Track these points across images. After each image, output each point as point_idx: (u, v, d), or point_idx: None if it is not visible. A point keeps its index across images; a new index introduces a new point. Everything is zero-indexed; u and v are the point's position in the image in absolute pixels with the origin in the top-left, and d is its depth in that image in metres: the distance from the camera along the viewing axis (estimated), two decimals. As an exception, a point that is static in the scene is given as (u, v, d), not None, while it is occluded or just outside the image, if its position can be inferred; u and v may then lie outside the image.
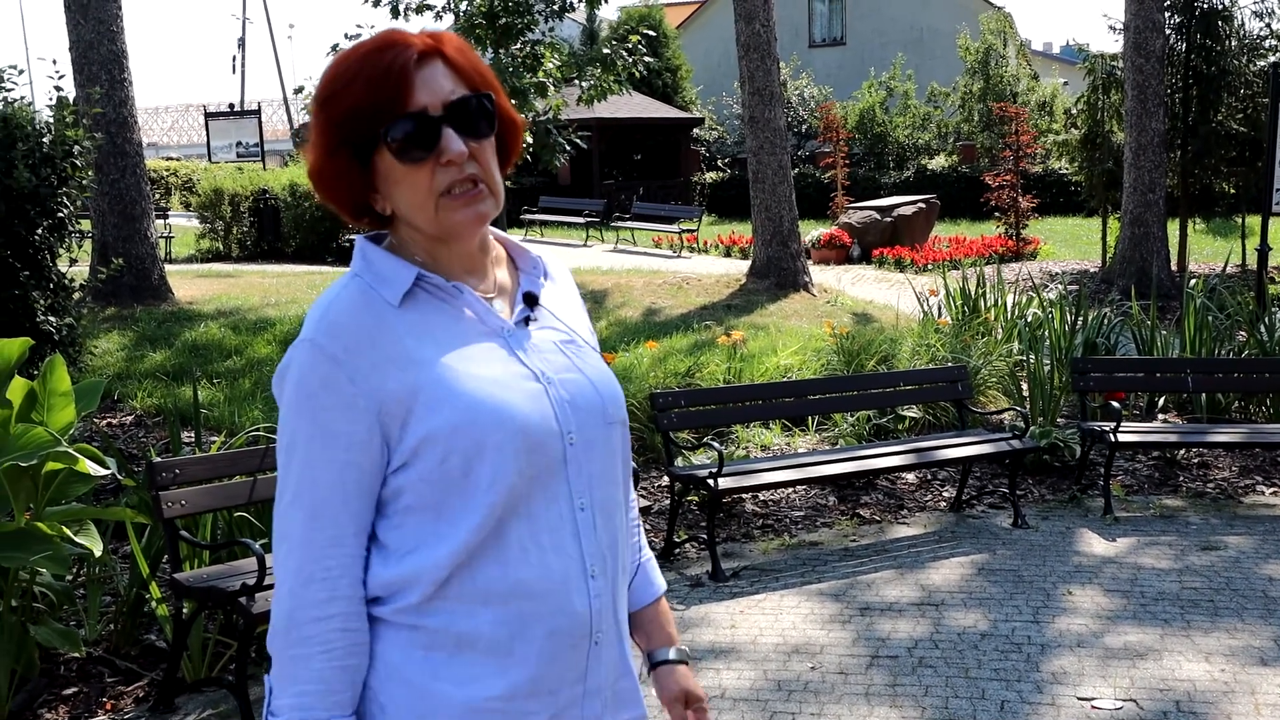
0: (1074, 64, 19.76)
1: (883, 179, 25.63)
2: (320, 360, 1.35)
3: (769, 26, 12.78)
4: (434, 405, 1.34)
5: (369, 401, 1.35)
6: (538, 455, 1.38)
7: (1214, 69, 13.84)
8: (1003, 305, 8.79)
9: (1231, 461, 6.54)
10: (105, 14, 11.33)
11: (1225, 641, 4.18)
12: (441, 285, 1.42)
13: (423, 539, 1.37)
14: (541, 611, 1.38)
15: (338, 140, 1.37)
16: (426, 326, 1.40)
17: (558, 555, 1.39)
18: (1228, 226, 18.86)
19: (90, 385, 4.32)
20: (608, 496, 1.47)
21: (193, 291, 12.56)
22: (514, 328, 1.45)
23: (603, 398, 1.47)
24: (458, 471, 1.34)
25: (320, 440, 1.35)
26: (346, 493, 1.36)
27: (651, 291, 12.75)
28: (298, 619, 1.35)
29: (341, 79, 1.36)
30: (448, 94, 1.36)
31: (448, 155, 1.35)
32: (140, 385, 7.84)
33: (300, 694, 1.34)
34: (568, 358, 1.47)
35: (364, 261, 1.43)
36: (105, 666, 4.11)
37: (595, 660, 1.43)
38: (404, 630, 1.37)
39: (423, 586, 1.36)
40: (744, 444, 6.73)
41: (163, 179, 28.92)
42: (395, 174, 1.37)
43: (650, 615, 1.68)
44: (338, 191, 1.42)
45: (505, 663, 1.37)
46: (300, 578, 1.35)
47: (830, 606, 4.64)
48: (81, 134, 6.87)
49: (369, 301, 1.39)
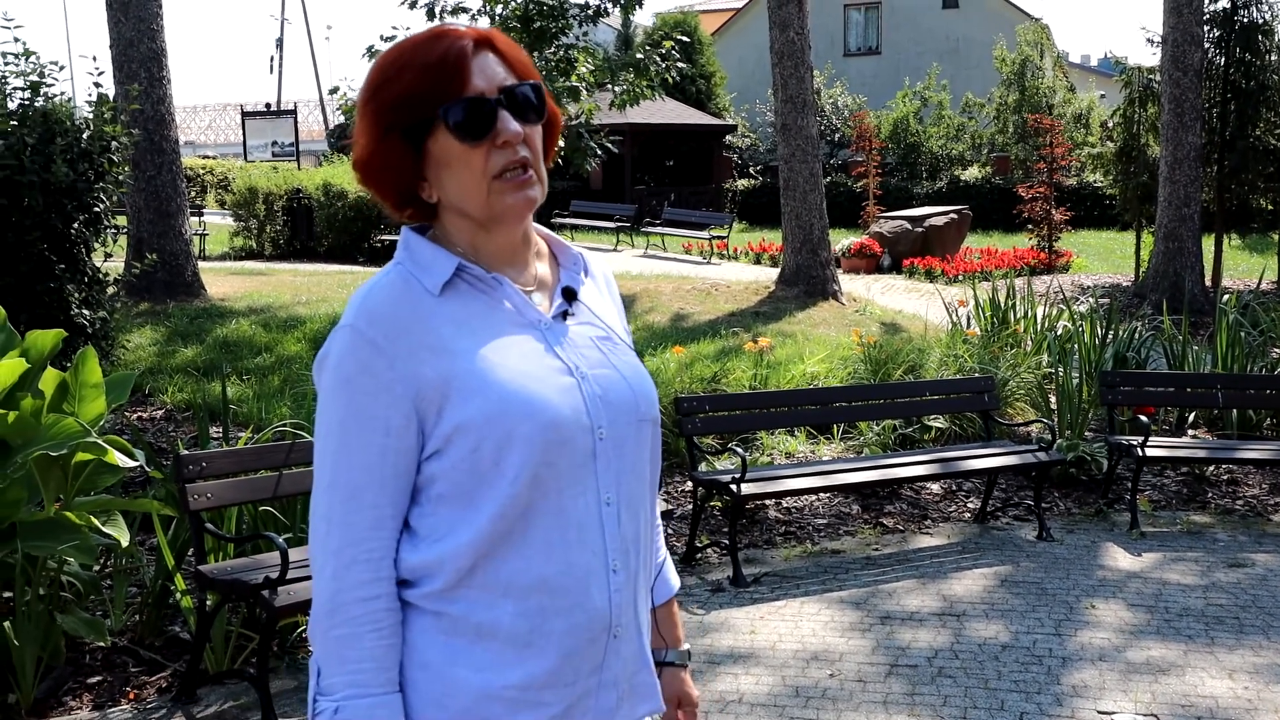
0: (1111, 76, 19.60)
1: (915, 189, 25.53)
2: (360, 345, 1.37)
3: (803, 34, 12.77)
4: (468, 394, 1.36)
5: (406, 387, 1.37)
6: (567, 448, 1.39)
7: (1253, 83, 13.70)
8: (1033, 317, 8.73)
9: (1262, 479, 6.47)
10: (146, 12, 11.48)
11: (1250, 659, 4.13)
12: (481, 276, 1.44)
13: (452, 527, 1.39)
14: (561, 606, 1.40)
15: (389, 125, 1.40)
16: (465, 316, 1.42)
17: (581, 550, 1.41)
18: (1264, 243, 18.64)
19: (121, 378, 4.38)
20: (634, 493, 1.48)
21: (225, 288, 12.68)
22: (551, 321, 1.47)
23: (635, 394, 1.49)
24: (488, 461, 1.36)
25: (358, 424, 1.37)
26: (384, 476, 1.38)
27: (680, 297, 12.76)
28: (343, 600, 1.37)
29: (395, 66, 1.40)
30: (502, 80, 1.41)
31: (504, 136, 1.38)
32: (171, 380, 7.92)
33: (354, 672, 1.36)
34: (603, 353, 1.49)
35: (406, 250, 1.46)
36: (130, 656, 4.16)
37: (613, 653, 1.45)
38: (428, 615, 1.40)
39: (446, 574, 1.38)
40: (768, 451, 6.72)
41: (198, 177, 29.26)
42: (449, 156, 1.39)
43: (661, 615, 1.71)
44: (385, 178, 1.44)
45: (524, 654, 1.39)
46: (342, 559, 1.37)
47: (851, 614, 4.62)
48: (119, 130, 6.96)
49: (409, 289, 1.41)
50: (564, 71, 12.15)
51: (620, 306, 1.64)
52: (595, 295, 1.58)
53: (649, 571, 1.58)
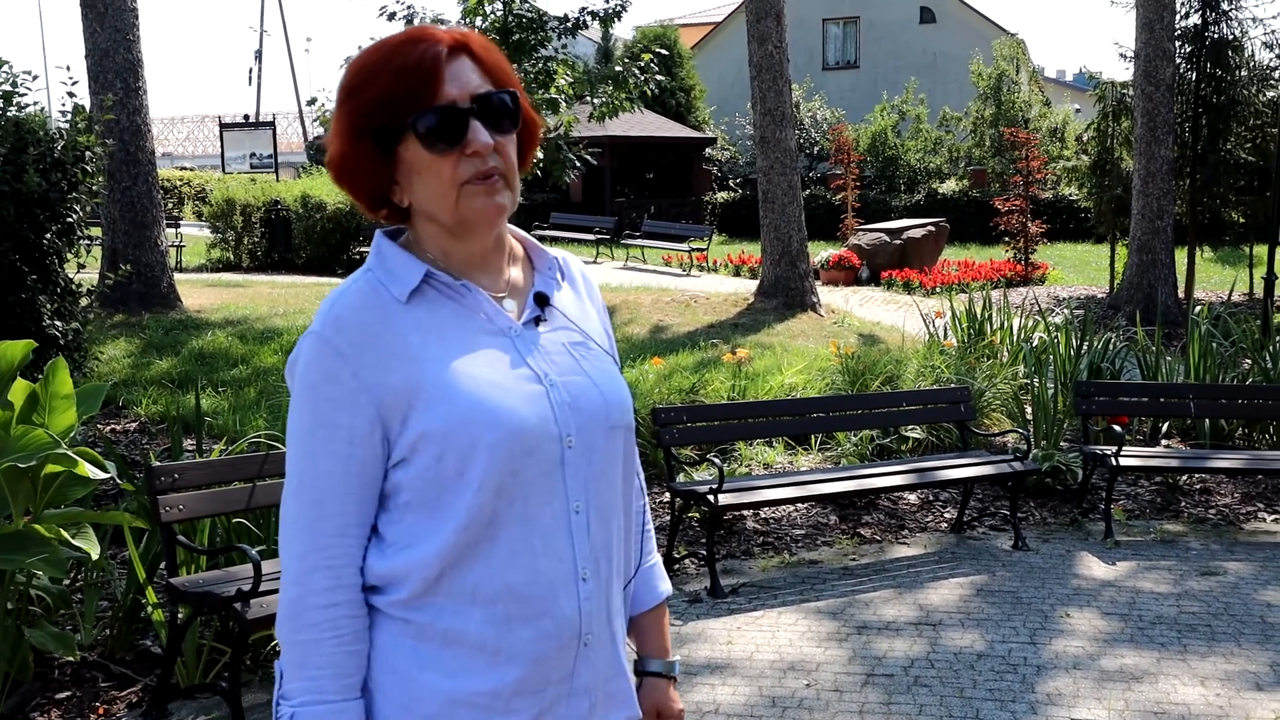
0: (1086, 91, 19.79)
1: (893, 202, 25.66)
2: (325, 353, 1.37)
3: (781, 48, 12.84)
4: (432, 403, 1.36)
5: (371, 395, 1.37)
6: (533, 457, 1.39)
7: (1224, 98, 13.85)
8: (1009, 329, 8.79)
9: (1234, 488, 6.52)
10: (122, 22, 11.43)
11: (1221, 666, 4.16)
12: (450, 283, 1.43)
13: (418, 535, 1.38)
14: (528, 614, 1.39)
15: (362, 129, 1.39)
16: (432, 324, 1.41)
17: (548, 558, 1.40)
18: (1236, 255, 18.84)
19: (92, 389, 4.34)
20: (605, 500, 1.47)
21: (201, 300, 12.61)
22: (521, 328, 1.46)
23: (607, 401, 1.47)
24: (453, 471, 1.36)
25: (323, 431, 1.37)
26: (349, 484, 1.38)
27: (659, 309, 12.77)
28: (304, 605, 1.37)
29: (369, 69, 1.39)
30: (475, 87, 1.39)
31: (474, 146, 1.37)
32: (145, 392, 7.86)
33: (312, 677, 1.36)
34: (574, 360, 1.48)
35: (377, 257, 1.46)
36: (99, 671, 4.12)
37: (584, 661, 1.44)
38: (396, 621, 1.39)
39: (413, 582, 1.38)
40: (746, 462, 6.72)
41: (176, 188, 29.09)
42: (419, 164, 1.39)
43: (648, 622, 1.68)
44: (357, 181, 1.44)
45: (492, 661, 1.38)
46: (305, 565, 1.38)
47: (828, 624, 4.62)
48: (93, 140, 6.92)
49: (377, 297, 1.41)
50: (543, 84, 12.15)
51: (601, 308, 1.62)
52: (572, 300, 1.56)
53: (625, 579, 1.57)
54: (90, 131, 7.00)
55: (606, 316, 1.63)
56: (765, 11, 12.73)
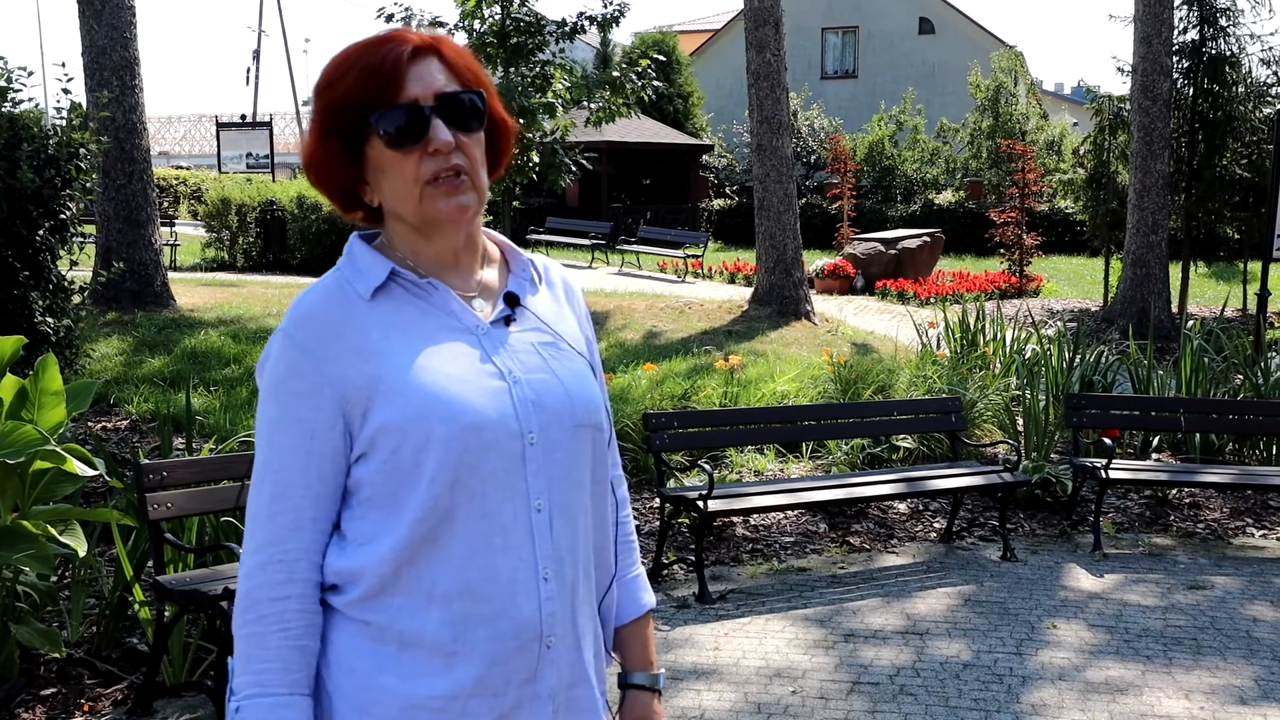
0: (1083, 104, 19.85)
1: (889, 211, 25.71)
2: (290, 349, 1.39)
3: (779, 56, 12.86)
4: (390, 397, 1.37)
5: (333, 390, 1.38)
6: (491, 452, 1.38)
7: (1220, 114, 13.90)
8: (1002, 340, 8.80)
9: (1223, 502, 6.53)
10: (119, 20, 11.42)
11: (1206, 680, 4.16)
12: (416, 281, 1.44)
13: (377, 532, 1.38)
14: (485, 613, 1.38)
15: (329, 128, 1.41)
16: (396, 320, 1.42)
17: (506, 555, 1.39)
18: (1230, 271, 18.89)
19: (82, 386, 4.33)
20: (570, 499, 1.46)
21: (194, 299, 12.60)
22: (489, 327, 1.46)
23: (573, 399, 1.46)
24: (408, 464, 1.36)
25: (286, 426, 1.39)
26: (308, 478, 1.39)
27: (653, 315, 12.78)
28: (256, 598, 1.38)
29: (339, 69, 1.40)
30: (440, 87, 1.40)
31: (435, 144, 1.38)
32: (137, 390, 7.85)
33: (258, 671, 1.36)
34: (543, 359, 1.47)
35: (347, 257, 1.47)
36: (85, 668, 4.11)
37: (548, 663, 1.42)
38: (355, 623, 1.39)
39: (369, 579, 1.38)
40: (737, 468, 6.73)
41: (171, 187, 29.07)
42: (383, 162, 1.40)
43: (631, 633, 1.66)
44: (327, 179, 1.45)
45: (449, 662, 1.37)
46: (259, 559, 1.38)
47: (815, 632, 4.62)
48: (88, 137, 6.92)
49: (341, 294, 1.43)
50: (540, 88, 12.18)
51: (581, 314, 1.62)
52: (549, 303, 1.56)
53: (598, 584, 1.56)
54: (85, 129, 6.99)
55: (589, 326, 1.62)
56: (763, 19, 12.76)
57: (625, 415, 6.79)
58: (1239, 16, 14.15)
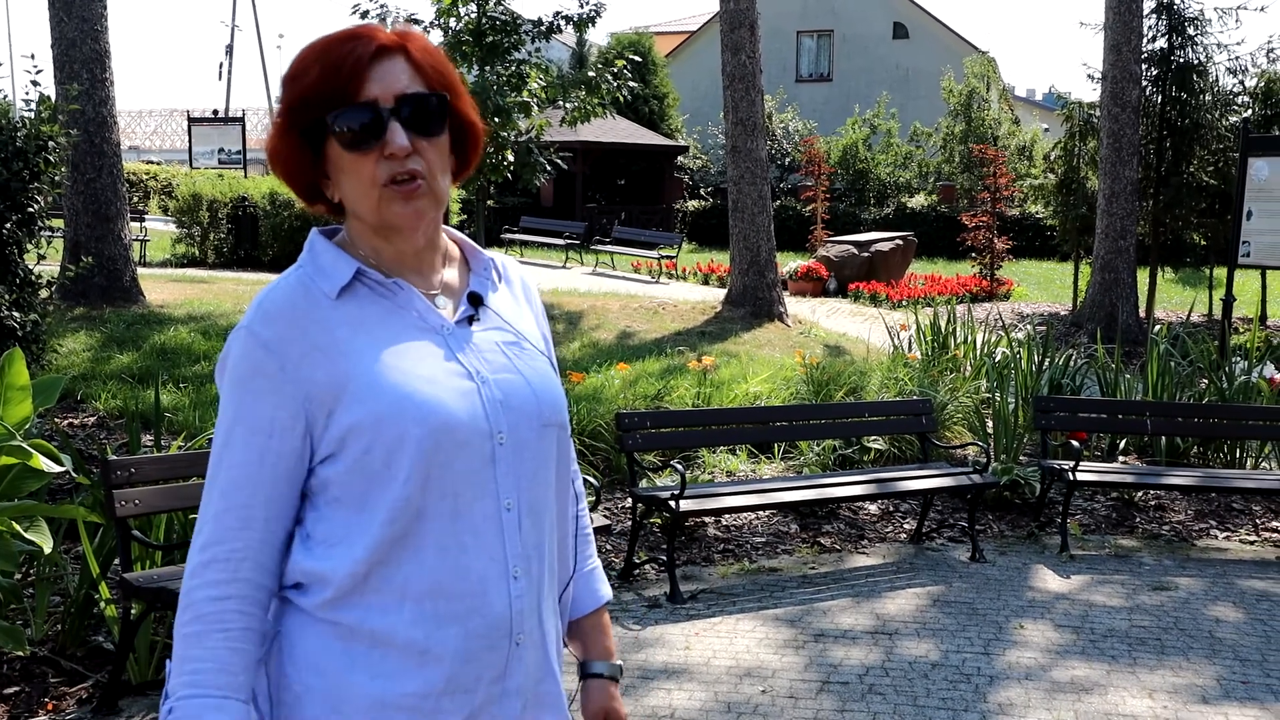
0: (1054, 111, 20.04)
1: (862, 215, 25.85)
2: (252, 347, 1.38)
3: (754, 59, 12.91)
4: (360, 397, 1.36)
5: (296, 389, 1.36)
6: (462, 452, 1.38)
7: (1188, 121, 14.06)
8: (972, 343, 8.87)
9: (1188, 505, 6.61)
10: (90, 12, 11.31)
11: (1169, 679, 4.22)
12: (382, 281, 1.44)
13: (346, 532, 1.37)
14: (457, 611, 1.38)
15: (291, 123, 1.40)
16: (362, 320, 1.41)
17: (477, 554, 1.39)
18: (1196, 277, 19.11)
19: (49, 381, 4.29)
20: (537, 498, 1.47)
21: (164, 295, 12.49)
22: (454, 326, 1.46)
23: (539, 400, 1.47)
24: (379, 463, 1.35)
25: (245, 424, 1.37)
26: (260, 477, 1.37)
27: (627, 315, 12.78)
28: (195, 597, 1.35)
29: (303, 64, 1.39)
30: (401, 88, 1.38)
31: (390, 148, 1.37)
32: (105, 386, 7.78)
33: (194, 671, 1.33)
34: (507, 358, 1.48)
35: (309, 254, 1.46)
36: (50, 667, 4.07)
37: (516, 661, 1.43)
38: (324, 624, 1.38)
39: (340, 579, 1.37)
40: (709, 469, 6.74)
41: (141, 182, 28.80)
42: (341, 161, 1.40)
43: (590, 624, 1.68)
44: (290, 172, 1.45)
45: (421, 660, 1.37)
46: (204, 557, 1.36)
47: (785, 631, 4.64)
48: (57, 130, 6.85)
49: (306, 292, 1.41)
50: (516, 87, 12.16)
51: (540, 314, 1.62)
52: (509, 301, 1.56)
53: (559, 581, 1.56)
54: (54, 121, 6.92)
55: (546, 323, 1.63)
56: (739, 21, 12.80)
57: (598, 415, 6.79)
58: (1207, 26, 14.33)
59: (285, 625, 1.40)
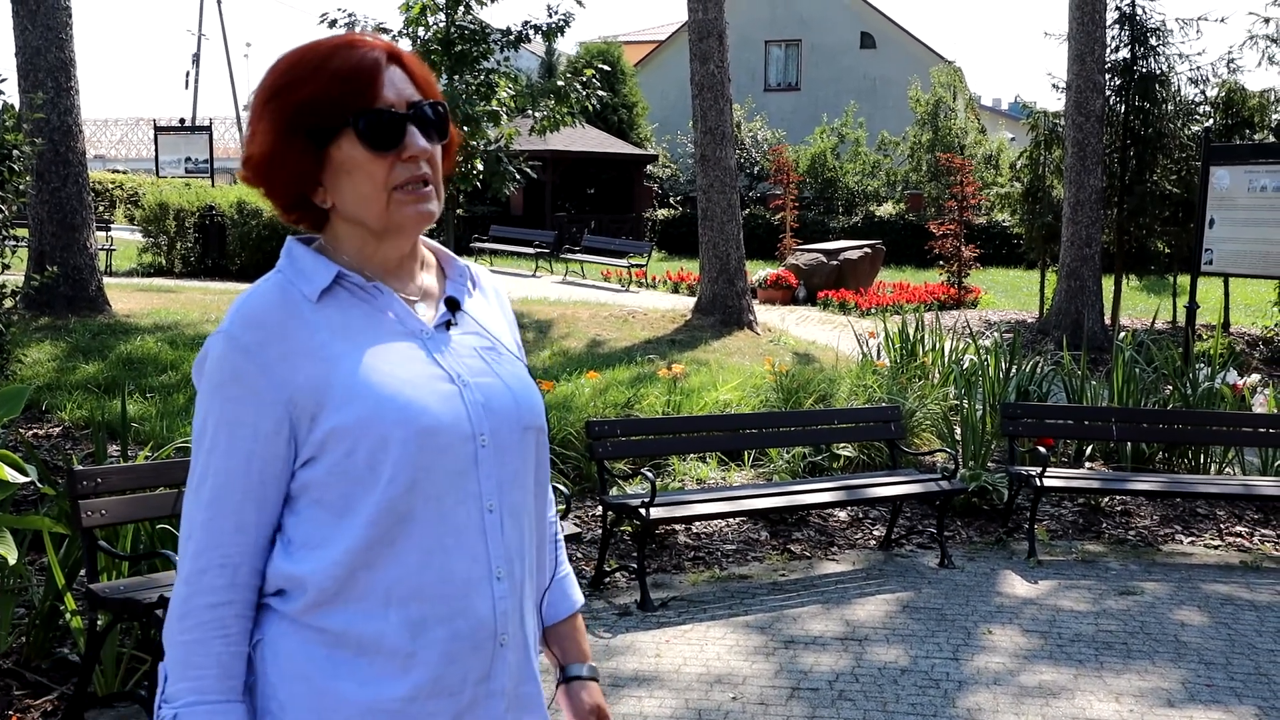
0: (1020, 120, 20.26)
1: (831, 223, 26.00)
2: (233, 351, 1.37)
3: (723, 68, 12.97)
4: (343, 400, 1.36)
5: (278, 393, 1.37)
6: (446, 455, 1.39)
7: (1151, 131, 14.25)
8: (940, 350, 8.94)
9: (1153, 510, 6.69)
10: (54, 20, 11.21)
11: (1135, 683, 4.27)
12: (362, 284, 1.45)
13: (328, 535, 1.38)
14: (442, 614, 1.39)
15: (294, 127, 1.39)
16: (343, 323, 1.42)
17: (461, 557, 1.40)
18: (1161, 284, 19.35)
19: (13, 391, 4.24)
20: (518, 501, 1.48)
21: (131, 305, 12.37)
22: (433, 331, 1.48)
23: (519, 403, 1.49)
24: (363, 466, 1.36)
25: (227, 429, 1.37)
26: (250, 482, 1.37)
27: (597, 323, 12.79)
28: (195, 604, 1.36)
29: (305, 68, 1.39)
30: (410, 95, 1.42)
31: (411, 150, 1.40)
32: (70, 397, 7.69)
33: (197, 679, 1.34)
34: (486, 363, 1.49)
35: (288, 259, 1.46)
36: (14, 679, 4.02)
37: (500, 662, 1.44)
38: (307, 629, 1.38)
39: (323, 583, 1.37)
40: (680, 476, 6.76)
41: (108, 191, 28.53)
42: (352, 164, 1.40)
43: (566, 630, 1.69)
44: (281, 178, 1.43)
45: (407, 664, 1.37)
46: (199, 564, 1.37)
47: (755, 639, 4.66)
48: (21, 139, 6.78)
49: (286, 296, 1.41)
50: (485, 96, 12.15)
51: (511, 320, 1.65)
52: (483, 307, 1.59)
53: (537, 583, 1.57)
54: (18, 130, 6.85)
55: (516, 330, 1.65)
56: (707, 31, 12.86)
57: (568, 423, 6.79)
58: (1169, 36, 14.53)
59: (268, 633, 1.40)
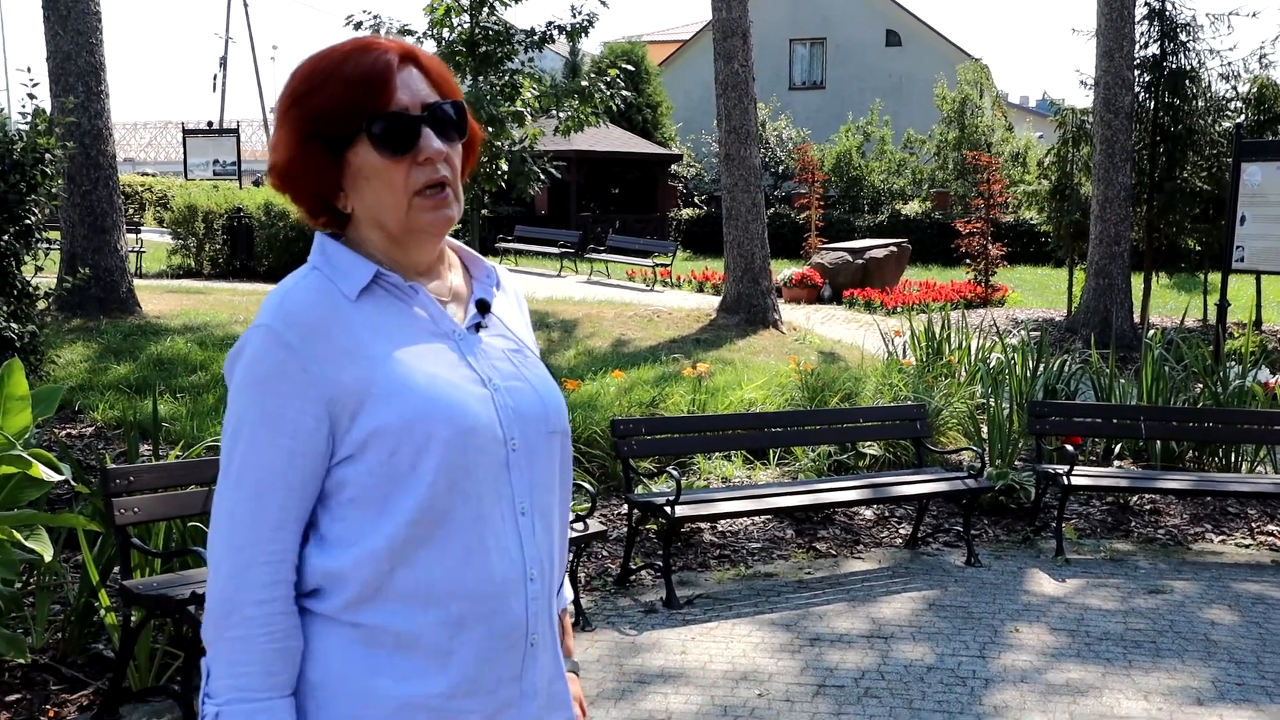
0: (1047, 117, 20.09)
1: (857, 222, 25.91)
2: (274, 346, 1.37)
3: (747, 67, 12.96)
4: (387, 399, 1.37)
5: (320, 391, 1.37)
6: (483, 457, 1.41)
7: (1181, 127, 14.12)
8: (967, 349, 8.90)
9: (1183, 509, 6.64)
10: (85, 25, 11.35)
11: (1164, 681, 4.24)
12: (399, 284, 1.45)
13: (364, 533, 1.38)
14: (481, 613, 1.40)
15: (311, 134, 1.40)
16: (381, 322, 1.42)
17: (499, 557, 1.42)
18: (1191, 282, 19.17)
19: (48, 391, 4.31)
20: (547, 503, 1.50)
21: (161, 306, 12.50)
22: (465, 332, 1.49)
23: (546, 407, 1.50)
24: (405, 465, 1.37)
25: (267, 425, 1.37)
26: (290, 479, 1.37)
27: (622, 323, 12.81)
28: (240, 601, 1.36)
29: (319, 75, 1.40)
30: (425, 96, 1.42)
31: (426, 153, 1.40)
32: (102, 397, 7.79)
33: (241, 675, 1.35)
34: (514, 366, 1.50)
35: (323, 255, 1.46)
36: (51, 674, 4.08)
37: (532, 661, 1.46)
38: (345, 627, 1.38)
39: (361, 579, 1.37)
40: (705, 475, 6.77)
41: (137, 194, 28.82)
42: (370, 169, 1.40)
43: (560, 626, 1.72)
44: (303, 185, 1.44)
45: (444, 662, 1.39)
46: (242, 559, 1.36)
47: (781, 636, 4.67)
48: (53, 143, 6.88)
49: (326, 293, 1.41)
50: (509, 96, 12.20)
51: (528, 319, 1.66)
52: (508, 308, 1.60)
53: (558, 583, 1.59)
54: (50, 134, 6.95)
55: (530, 325, 1.66)
56: (731, 30, 12.85)
57: (593, 422, 6.81)
58: (1199, 32, 14.40)
59: (305, 633, 1.40)
